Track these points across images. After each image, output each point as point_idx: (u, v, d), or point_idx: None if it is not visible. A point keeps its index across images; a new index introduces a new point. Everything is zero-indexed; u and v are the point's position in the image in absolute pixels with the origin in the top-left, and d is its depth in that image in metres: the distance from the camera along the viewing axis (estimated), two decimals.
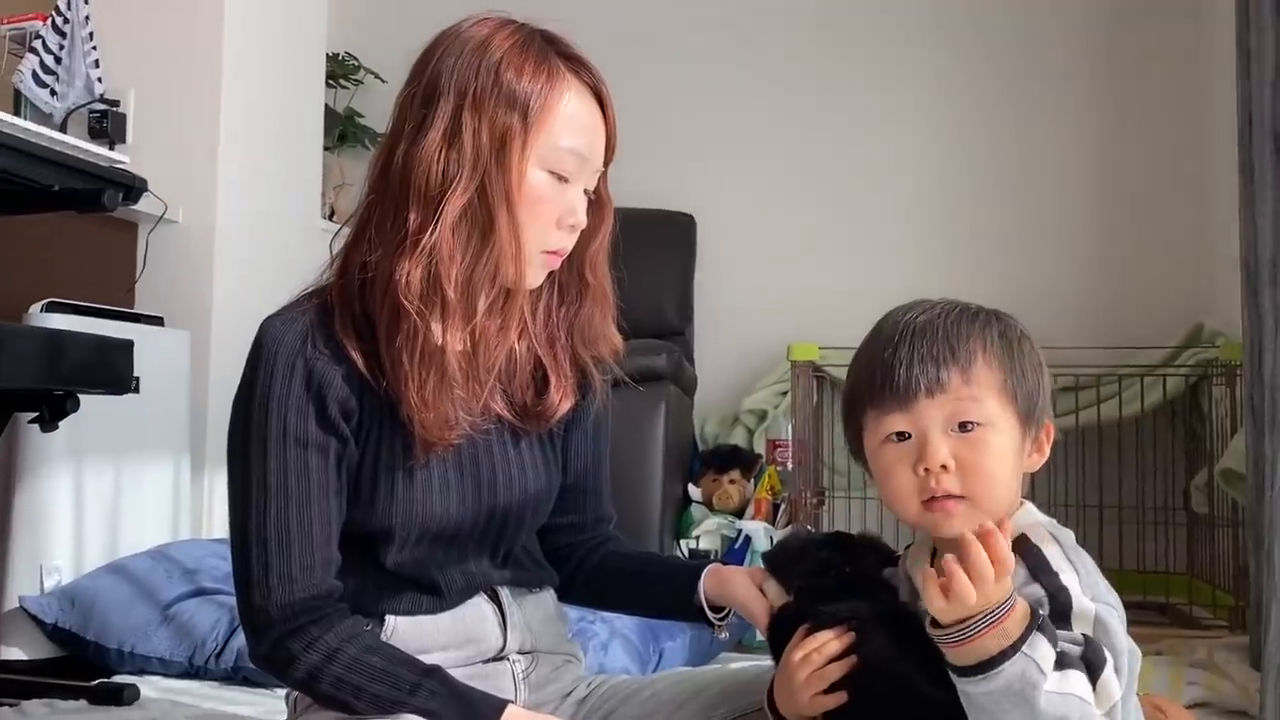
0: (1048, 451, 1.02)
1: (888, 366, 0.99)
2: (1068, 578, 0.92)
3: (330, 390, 1.09)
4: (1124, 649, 0.89)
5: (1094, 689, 0.87)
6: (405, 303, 1.06)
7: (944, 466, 0.96)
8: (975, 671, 0.86)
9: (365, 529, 1.12)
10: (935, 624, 0.88)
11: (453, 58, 1.10)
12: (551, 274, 1.17)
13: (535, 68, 1.09)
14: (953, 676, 0.89)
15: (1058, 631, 0.88)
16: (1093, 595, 0.91)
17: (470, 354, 1.11)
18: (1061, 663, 0.87)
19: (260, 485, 1.07)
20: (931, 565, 0.97)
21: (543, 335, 1.21)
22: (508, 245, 1.09)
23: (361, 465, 1.12)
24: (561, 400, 1.20)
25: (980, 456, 0.96)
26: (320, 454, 1.08)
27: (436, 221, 1.06)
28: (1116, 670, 0.89)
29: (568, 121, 1.10)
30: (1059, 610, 0.90)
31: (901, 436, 0.99)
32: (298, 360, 1.09)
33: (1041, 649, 0.86)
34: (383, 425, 1.12)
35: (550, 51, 1.12)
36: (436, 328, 1.08)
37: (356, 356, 1.09)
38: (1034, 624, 0.86)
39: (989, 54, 3.70)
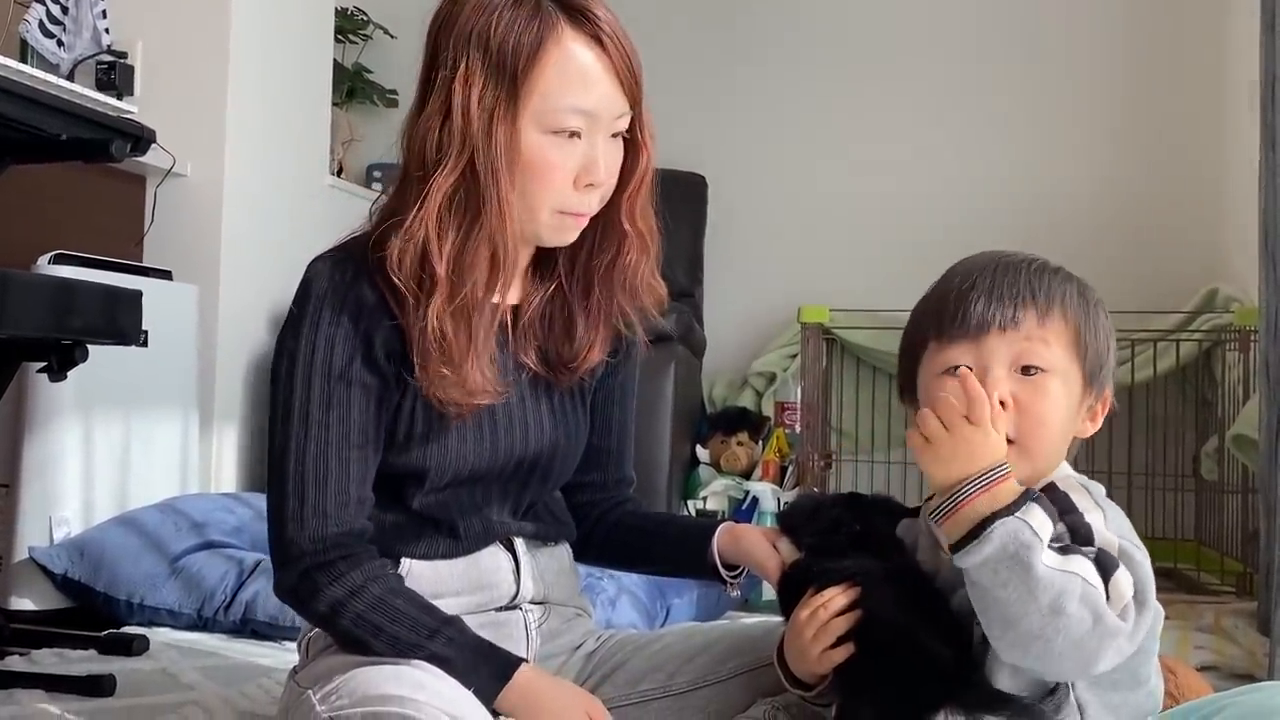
0: (1100, 423, 1.00)
1: (962, 298, 0.96)
2: (1093, 517, 0.91)
3: (377, 331, 1.09)
4: (1149, 581, 0.87)
5: (1105, 590, 0.85)
6: (397, 280, 1.06)
7: (1002, 403, 0.94)
8: (969, 540, 0.86)
9: (399, 470, 1.13)
10: (933, 509, 0.89)
11: (448, 26, 1.08)
12: (592, 220, 1.14)
13: (525, 25, 1.06)
14: (955, 561, 0.87)
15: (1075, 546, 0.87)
16: (1119, 534, 0.90)
17: (467, 327, 1.09)
18: (1067, 551, 0.86)
19: (302, 420, 1.08)
20: None
21: (579, 286, 1.19)
22: (500, 221, 1.07)
23: (401, 407, 1.12)
24: (590, 351, 1.19)
25: (1040, 401, 0.94)
26: (364, 393, 1.09)
27: (426, 198, 1.06)
28: (1141, 600, 0.86)
29: (563, 79, 1.06)
30: (1082, 541, 0.88)
31: (953, 370, 0.96)
32: (348, 298, 1.09)
33: (1036, 515, 0.86)
34: None
35: (547, 2, 1.07)
36: (430, 305, 1.06)
37: (396, 308, 1.09)
38: (1028, 495, 0.87)
39: (1011, 18, 3.64)
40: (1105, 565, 0.86)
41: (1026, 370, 0.95)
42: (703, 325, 3.60)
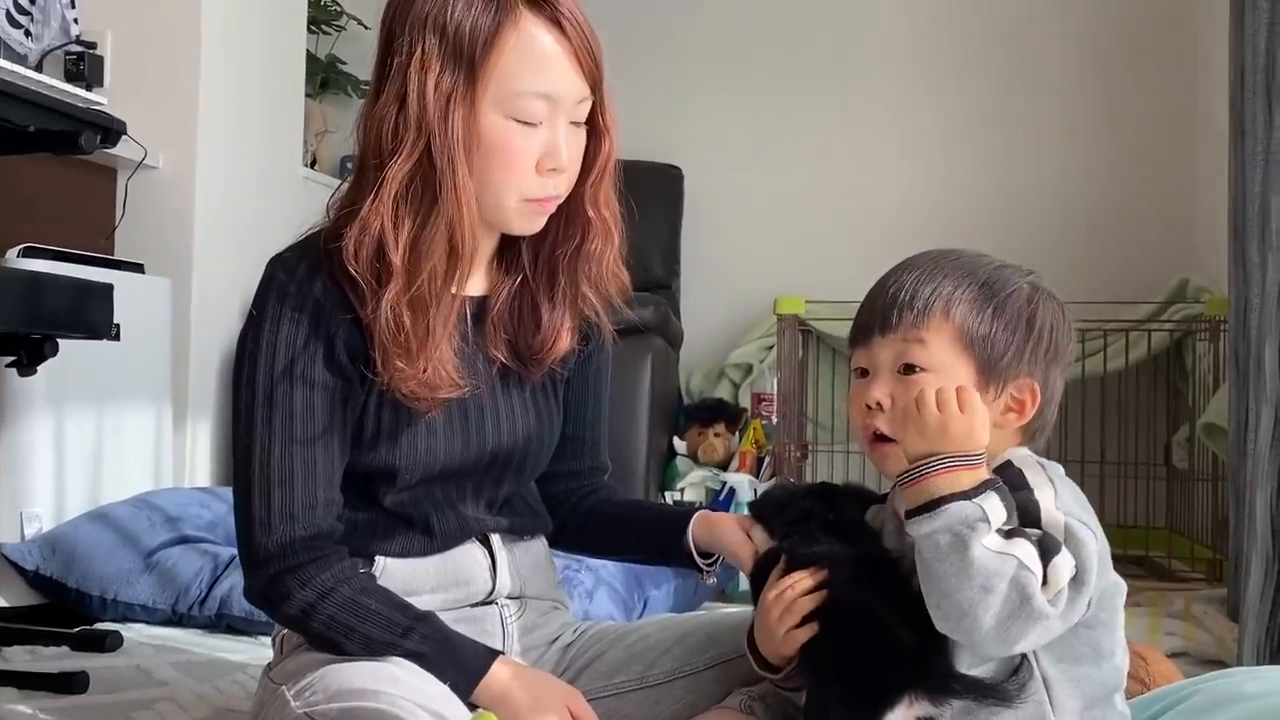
0: (1030, 413, 1.02)
1: (862, 305, 1.05)
2: (1042, 493, 0.94)
3: (338, 329, 1.08)
4: (1090, 561, 0.90)
5: (1044, 574, 0.88)
6: (354, 271, 1.05)
7: (878, 405, 1.00)
8: (921, 510, 0.90)
9: (369, 468, 1.12)
10: (899, 474, 0.94)
11: (403, 11, 1.07)
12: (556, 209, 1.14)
13: (483, 9, 1.04)
14: (905, 527, 0.92)
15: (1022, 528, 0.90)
16: (1066, 511, 0.93)
17: (425, 318, 1.07)
18: (1013, 535, 0.89)
19: (265, 423, 1.06)
20: None
21: (544, 275, 1.18)
22: (457, 207, 1.05)
23: (367, 405, 1.11)
24: (557, 341, 1.18)
25: (912, 400, 0.98)
26: (327, 393, 1.08)
27: (380, 187, 1.04)
28: (1081, 579, 0.89)
29: (522, 64, 1.05)
30: (1029, 521, 0.92)
31: (863, 374, 1.04)
32: (306, 300, 1.07)
33: (992, 503, 0.89)
34: None
35: None
36: (385, 296, 1.05)
37: (356, 304, 1.08)
38: (988, 485, 0.90)
39: (978, 9, 3.66)
40: (1047, 549, 0.89)
41: (908, 369, 1.00)
42: (679, 317, 3.61)
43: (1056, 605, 0.88)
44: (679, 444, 3.35)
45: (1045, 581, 0.88)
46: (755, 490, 3.09)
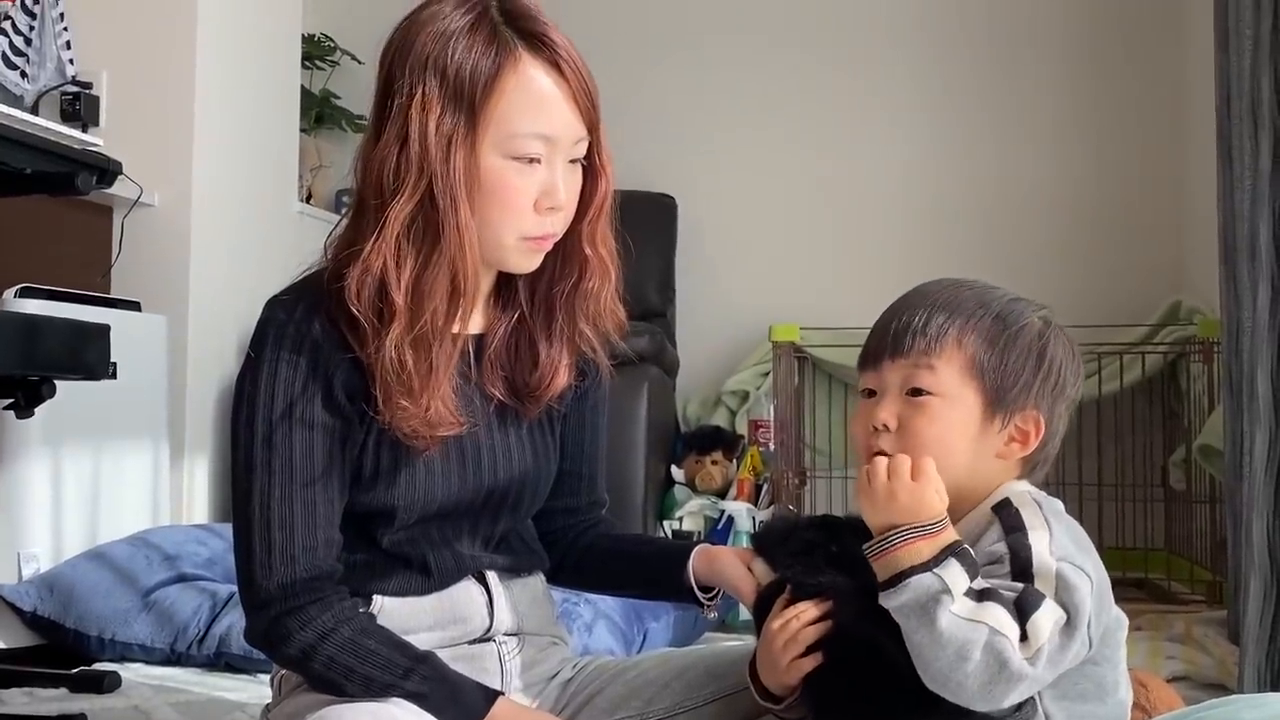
0: (1033, 445, 1.03)
1: (874, 328, 1.06)
2: (1037, 535, 0.95)
3: (337, 372, 1.08)
4: (1083, 606, 0.91)
5: (1023, 631, 0.89)
6: (356, 311, 1.06)
7: (885, 426, 1.01)
8: (888, 584, 0.92)
9: (367, 509, 1.13)
10: (867, 546, 0.96)
11: (403, 53, 1.08)
12: (553, 247, 1.15)
13: (483, 51, 1.06)
14: (880, 600, 0.93)
15: (1004, 582, 0.92)
16: (1059, 556, 0.93)
17: (427, 357, 1.08)
18: (985, 596, 0.90)
19: (265, 465, 1.07)
20: None
21: (541, 312, 1.19)
22: (459, 247, 1.06)
23: (365, 445, 1.11)
24: (554, 378, 1.18)
25: (919, 421, 1.01)
26: (326, 434, 1.08)
27: (383, 227, 1.05)
28: (1073, 625, 0.90)
29: (522, 106, 1.06)
30: (1020, 567, 0.93)
31: (870, 395, 1.06)
32: (304, 341, 1.08)
33: (952, 571, 0.91)
34: None
35: (503, 29, 1.07)
36: (388, 335, 1.06)
37: (355, 345, 1.08)
38: (950, 551, 0.92)
39: (970, 38, 3.69)
40: (1027, 606, 0.90)
41: (915, 393, 1.02)
42: (675, 344, 3.62)
43: (1036, 663, 0.89)
44: (676, 472, 3.34)
45: (1026, 637, 0.89)
46: (754, 518, 3.09)
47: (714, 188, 3.80)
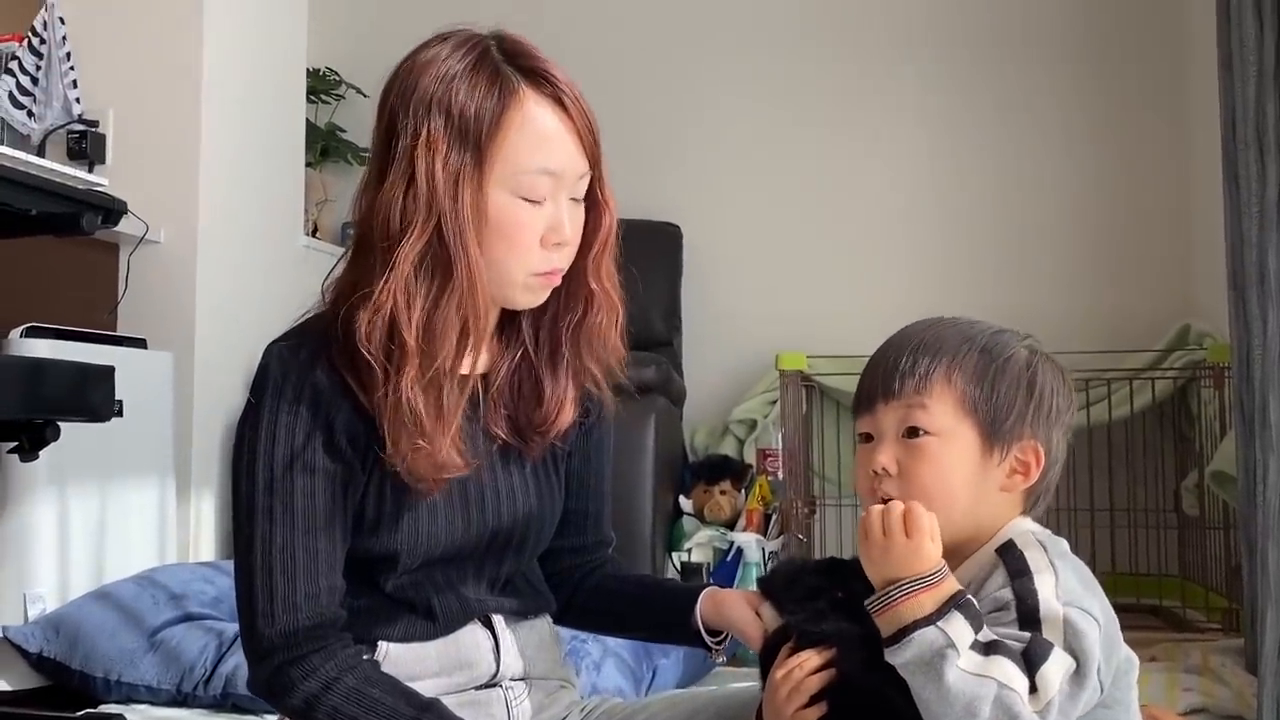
0: (1035, 475, 1.02)
1: (864, 372, 1.07)
2: (1043, 579, 0.94)
3: (337, 417, 1.08)
4: (1092, 652, 0.90)
5: (1031, 683, 0.88)
6: (367, 353, 1.05)
7: (885, 470, 1.02)
8: (892, 640, 0.91)
9: (369, 554, 1.12)
10: (869, 602, 0.95)
11: (405, 94, 1.07)
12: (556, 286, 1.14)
13: (486, 91, 1.06)
14: (885, 656, 0.92)
15: (1010, 631, 0.91)
16: (1066, 600, 0.92)
17: (438, 399, 1.07)
18: (992, 649, 0.89)
19: (266, 512, 1.06)
20: None
21: (545, 349, 1.18)
22: (469, 285, 1.06)
23: (367, 490, 1.11)
24: (559, 415, 1.18)
25: (918, 464, 1.01)
26: (327, 479, 1.07)
27: (393, 267, 1.04)
28: (1082, 673, 0.89)
29: (527, 142, 1.06)
30: (1027, 613, 0.92)
31: (867, 439, 1.05)
32: (304, 387, 1.07)
33: (956, 625, 0.89)
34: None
35: (505, 67, 1.07)
36: (401, 376, 1.05)
37: (356, 389, 1.08)
38: (953, 602, 0.91)
39: (976, 64, 3.69)
40: (1035, 657, 0.89)
41: (912, 433, 1.02)
42: (681, 373, 3.61)
43: (1047, 716, 0.88)
44: (685, 503, 3.33)
45: (1035, 689, 0.88)
46: (763, 550, 3.07)
47: (718, 215, 3.80)
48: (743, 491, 3.31)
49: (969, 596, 0.92)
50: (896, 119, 3.74)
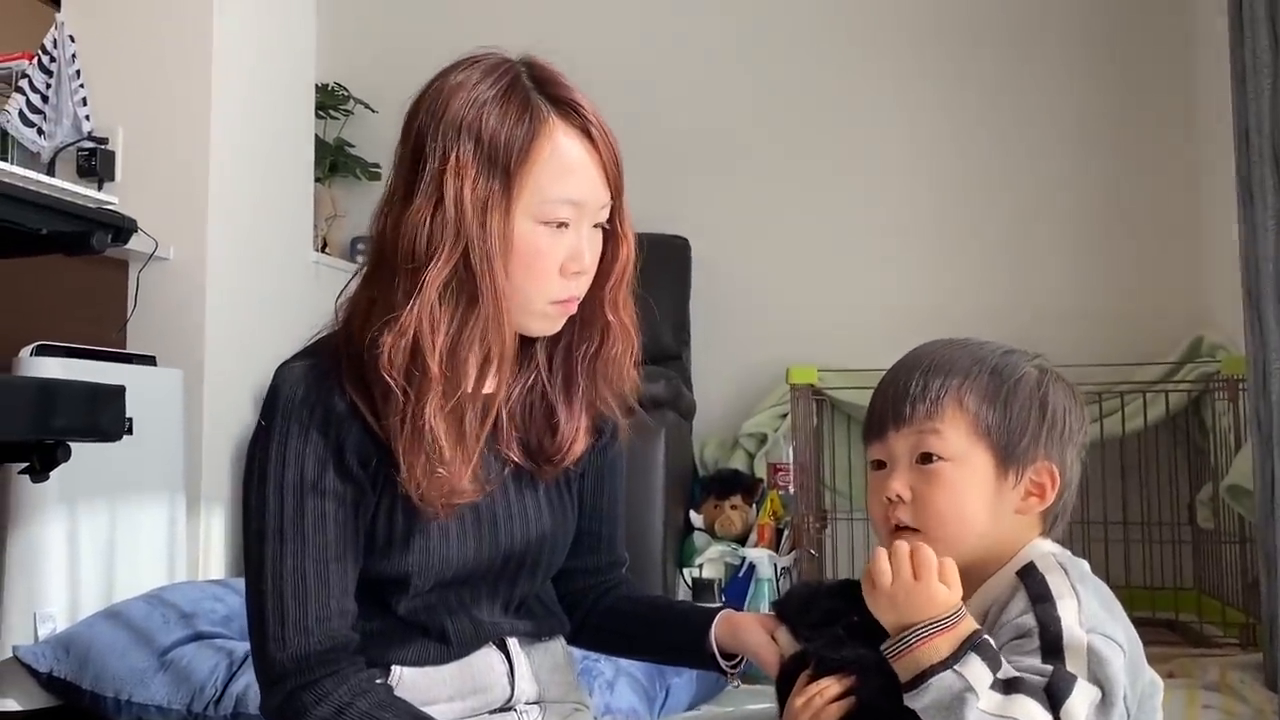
0: (1051, 497, 1.01)
1: (872, 402, 1.06)
2: (1065, 605, 0.93)
3: (348, 439, 1.07)
4: (1117, 679, 0.89)
5: (1056, 718, 0.87)
6: (389, 378, 1.04)
7: (899, 497, 1.01)
8: (911, 685, 0.90)
9: (381, 576, 1.11)
10: (884, 647, 0.93)
11: (435, 117, 1.07)
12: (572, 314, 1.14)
13: (517, 119, 1.06)
14: (905, 701, 0.91)
15: (1030, 663, 0.90)
16: (1090, 626, 0.91)
17: (458, 423, 1.07)
18: (1013, 687, 0.88)
19: (276, 535, 1.05)
20: None
21: (560, 376, 1.18)
22: (495, 313, 1.05)
23: (378, 513, 1.10)
24: (574, 444, 1.17)
25: (933, 490, 1.00)
26: (338, 503, 1.07)
27: (419, 292, 1.04)
28: (1108, 702, 0.88)
29: (555, 171, 1.07)
30: (1050, 642, 0.91)
31: (879, 465, 1.04)
32: (316, 409, 1.07)
33: (973, 667, 0.88)
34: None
35: (535, 96, 1.08)
36: (422, 402, 1.04)
37: (367, 412, 1.07)
38: (969, 643, 0.89)
39: (983, 74, 3.68)
40: (1059, 692, 0.87)
41: (925, 459, 1.01)
42: (691, 387, 3.59)
43: None
44: (695, 518, 3.31)
45: None
46: (775, 566, 3.05)
47: (727, 228, 3.79)
48: (754, 506, 3.29)
49: (985, 637, 0.91)
50: (907, 134, 3.72)
